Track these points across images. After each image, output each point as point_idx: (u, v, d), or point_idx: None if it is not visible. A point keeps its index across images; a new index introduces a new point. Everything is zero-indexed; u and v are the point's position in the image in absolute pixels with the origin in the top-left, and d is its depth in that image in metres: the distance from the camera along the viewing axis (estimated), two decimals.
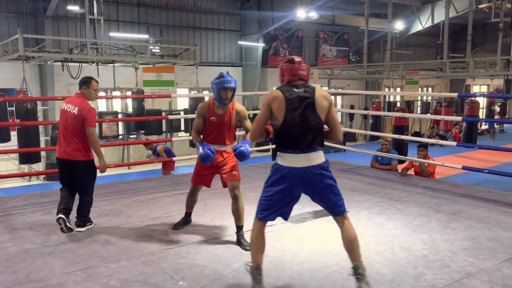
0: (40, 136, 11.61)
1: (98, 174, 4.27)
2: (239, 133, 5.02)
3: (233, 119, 3.83)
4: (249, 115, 4.05)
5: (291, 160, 2.81)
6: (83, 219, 4.11)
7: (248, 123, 3.89)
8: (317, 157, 2.84)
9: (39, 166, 13.12)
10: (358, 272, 2.77)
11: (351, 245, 2.81)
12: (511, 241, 3.82)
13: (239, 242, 3.73)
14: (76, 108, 4.05)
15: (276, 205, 2.90)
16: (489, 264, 3.33)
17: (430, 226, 4.20)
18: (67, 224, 3.92)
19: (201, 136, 3.88)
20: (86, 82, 4.23)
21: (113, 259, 3.44)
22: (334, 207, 2.92)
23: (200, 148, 3.66)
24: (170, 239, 3.88)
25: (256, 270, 2.85)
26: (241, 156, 3.60)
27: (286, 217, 3.04)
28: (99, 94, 4.06)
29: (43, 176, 12.91)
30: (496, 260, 3.41)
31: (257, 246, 2.91)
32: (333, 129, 2.94)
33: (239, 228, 3.79)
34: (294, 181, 2.83)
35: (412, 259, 3.42)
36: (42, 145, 12.77)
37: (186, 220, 4.23)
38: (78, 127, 4.00)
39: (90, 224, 4.19)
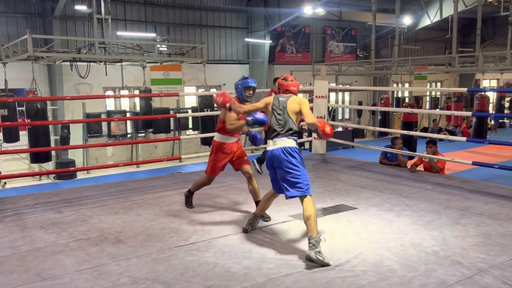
0: (50, 135, 11.72)
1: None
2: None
3: None
4: None
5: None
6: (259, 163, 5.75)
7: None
8: (284, 142, 3.67)
9: (49, 166, 13.24)
10: (310, 241, 3.37)
11: (306, 220, 3.50)
12: None
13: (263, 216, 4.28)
14: None
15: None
16: (501, 260, 3.31)
17: (441, 223, 4.17)
18: (256, 166, 5.64)
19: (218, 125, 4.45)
20: (274, 81, 5.76)
21: (123, 257, 3.46)
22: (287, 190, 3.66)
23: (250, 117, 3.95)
24: (180, 237, 3.89)
25: (256, 218, 4.04)
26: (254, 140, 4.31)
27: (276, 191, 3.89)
28: (106, 93, 5.14)
29: (53, 175, 13.03)
30: (508, 256, 3.38)
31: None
32: (305, 119, 3.78)
33: (257, 203, 4.34)
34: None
35: (423, 256, 3.40)
36: (52, 144, 12.88)
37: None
38: None
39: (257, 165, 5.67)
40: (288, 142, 3.67)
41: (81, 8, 13.21)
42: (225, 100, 3.88)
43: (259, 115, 3.88)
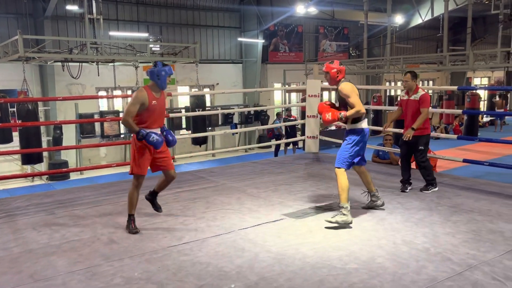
0: (42, 136, 11.66)
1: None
2: None
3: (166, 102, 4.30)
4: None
5: None
6: (425, 183, 5.28)
7: None
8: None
9: (42, 167, 13.17)
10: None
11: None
12: None
13: (155, 205, 4.38)
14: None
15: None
16: (491, 256, 3.35)
17: (432, 220, 4.22)
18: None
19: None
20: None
21: (116, 258, 3.46)
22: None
23: (154, 135, 3.89)
24: (173, 236, 3.90)
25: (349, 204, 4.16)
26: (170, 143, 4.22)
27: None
28: (99, 94, 4.77)
29: (46, 176, 12.96)
30: (498, 252, 3.42)
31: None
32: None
33: (157, 193, 4.37)
34: None
35: (414, 253, 3.44)
36: (44, 145, 12.81)
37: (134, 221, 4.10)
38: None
39: (432, 187, 5.21)
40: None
41: (73, 8, 13.16)
42: (335, 116, 4.25)
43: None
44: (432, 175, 5.29)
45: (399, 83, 21.55)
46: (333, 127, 18.01)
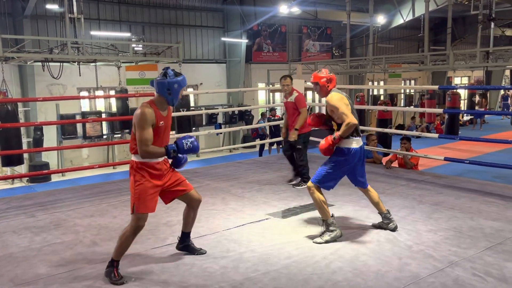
0: (22, 137, 11.44)
1: None
2: None
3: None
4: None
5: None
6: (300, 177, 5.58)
7: None
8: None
9: (22, 168, 12.92)
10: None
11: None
12: (492, 229, 3.91)
13: (193, 249, 3.50)
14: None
15: None
16: (471, 253, 3.41)
17: (414, 217, 4.27)
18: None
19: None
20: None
21: (99, 260, 3.41)
22: None
23: (184, 141, 3.11)
24: (157, 238, 3.87)
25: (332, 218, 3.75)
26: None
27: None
28: (81, 94, 4.53)
29: (27, 178, 12.72)
30: (478, 249, 3.48)
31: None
32: None
33: (189, 234, 3.52)
34: None
35: (397, 250, 3.48)
36: (25, 147, 12.55)
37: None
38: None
39: (305, 184, 5.19)
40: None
41: (53, 7, 12.92)
42: (328, 141, 3.69)
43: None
44: (308, 174, 5.47)
45: (381, 83, 21.82)
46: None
